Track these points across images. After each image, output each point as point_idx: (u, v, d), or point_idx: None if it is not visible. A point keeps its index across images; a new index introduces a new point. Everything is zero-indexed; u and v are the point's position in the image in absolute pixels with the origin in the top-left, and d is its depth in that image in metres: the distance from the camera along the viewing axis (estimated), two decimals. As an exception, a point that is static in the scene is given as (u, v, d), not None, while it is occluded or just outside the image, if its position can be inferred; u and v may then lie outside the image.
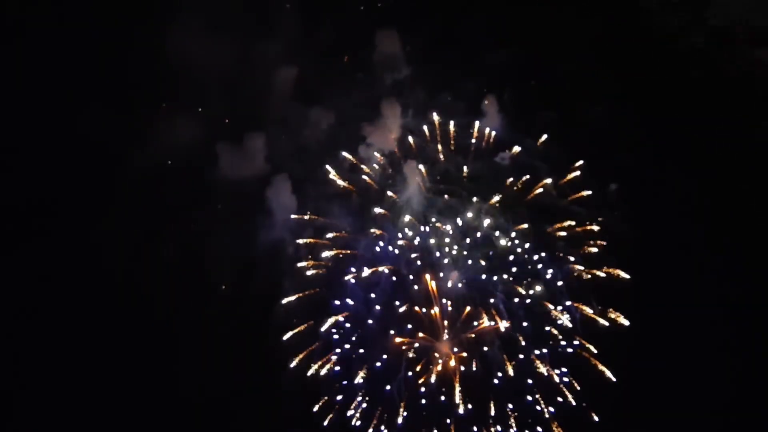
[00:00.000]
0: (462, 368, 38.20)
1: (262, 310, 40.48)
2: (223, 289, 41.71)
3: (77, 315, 40.09)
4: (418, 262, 39.82)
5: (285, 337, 39.11)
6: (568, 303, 39.58)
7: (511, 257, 40.32)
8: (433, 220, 40.67)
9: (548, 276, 40.17)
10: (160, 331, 40.12)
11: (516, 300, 39.40)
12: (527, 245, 40.72)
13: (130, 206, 41.67)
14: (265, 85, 42.77)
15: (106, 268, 40.74)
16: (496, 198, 41.08)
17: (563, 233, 41.26)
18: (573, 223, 41.12)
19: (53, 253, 40.60)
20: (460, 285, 39.30)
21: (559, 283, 40.13)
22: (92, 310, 40.24)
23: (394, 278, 39.53)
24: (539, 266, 40.45)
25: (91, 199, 41.78)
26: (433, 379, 38.12)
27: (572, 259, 40.50)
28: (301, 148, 42.46)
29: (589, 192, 41.52)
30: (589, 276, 40.35)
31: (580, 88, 43.20)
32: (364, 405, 38.26)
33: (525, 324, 39.28)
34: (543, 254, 40.56)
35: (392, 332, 38.47)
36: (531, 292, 39.70)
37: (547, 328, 39.01)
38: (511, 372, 38.33)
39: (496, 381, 38.16)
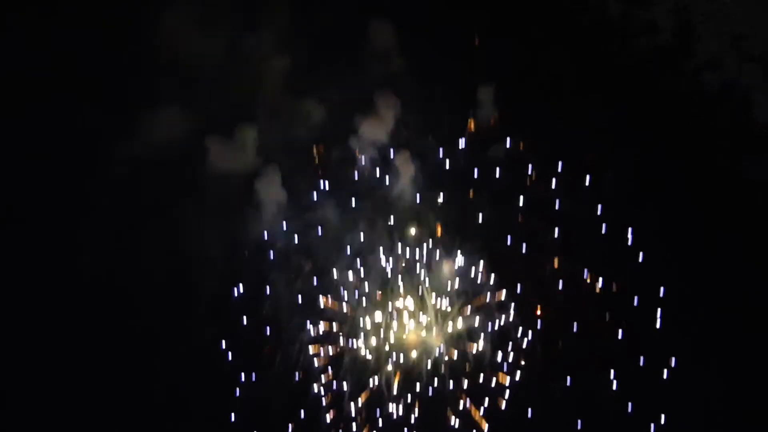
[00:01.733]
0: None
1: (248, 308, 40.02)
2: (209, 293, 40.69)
3: (53, 316, 39.04)
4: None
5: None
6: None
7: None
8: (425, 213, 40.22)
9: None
10: (143, 334, 39.40)
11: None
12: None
13: (114, 203, 40.87)
14: (256, 76, 42.00)
15: (87, 268, 39.76)
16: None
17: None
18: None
19: (28, 253, 39.70)
20: (451, 279, 38.84)
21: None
22: (70, 311, 39.24)
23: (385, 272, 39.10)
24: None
25: (73, 196, 40.98)
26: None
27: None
28: (291, 140, 41.63)
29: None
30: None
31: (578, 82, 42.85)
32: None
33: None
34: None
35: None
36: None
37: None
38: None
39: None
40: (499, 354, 38.45)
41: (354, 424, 38.05)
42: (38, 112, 40.94)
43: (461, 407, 38.03)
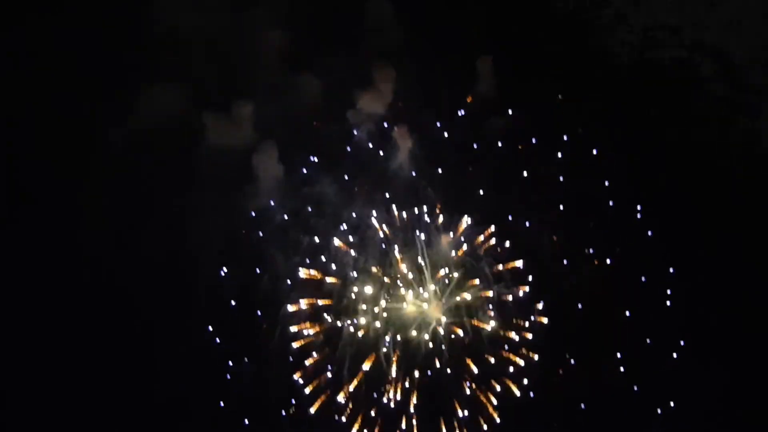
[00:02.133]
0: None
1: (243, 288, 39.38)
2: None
3: (50, 308, 38.34)
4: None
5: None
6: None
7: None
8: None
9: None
10: (141, 324, 38.69)
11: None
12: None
13: (108, 187, 40.24)
14: (252, 50, 41.81)
15: (82, 256, 39.10)
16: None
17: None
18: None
19: (21, 243, 39.06)
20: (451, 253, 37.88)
21: None
22: (66, 302, 38.48)
23: (383, 245, 38.13)
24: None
25: (66, 180, 40.39)
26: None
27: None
28: (289, 115, 41.12)
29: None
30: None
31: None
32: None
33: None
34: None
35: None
36: None
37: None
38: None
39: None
40: (501, 331, 37.40)
41: (348, 409, 37.02)
42: (34, 101, 40.57)
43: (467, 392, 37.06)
